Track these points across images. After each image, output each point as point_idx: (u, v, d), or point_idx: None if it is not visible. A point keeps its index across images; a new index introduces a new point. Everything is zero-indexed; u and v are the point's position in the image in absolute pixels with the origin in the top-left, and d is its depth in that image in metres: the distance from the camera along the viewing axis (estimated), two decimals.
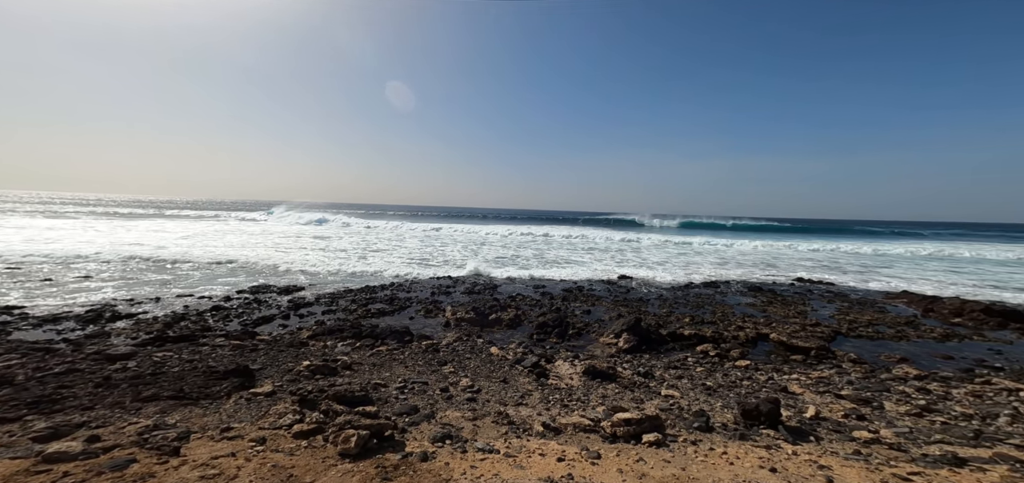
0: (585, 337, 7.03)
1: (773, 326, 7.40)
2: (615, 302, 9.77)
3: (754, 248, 24.94)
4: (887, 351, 6.70)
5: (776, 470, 2.93)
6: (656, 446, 3.31)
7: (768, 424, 3.78)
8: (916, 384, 5.10)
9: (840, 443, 3.43)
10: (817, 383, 5.10)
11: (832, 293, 11.57)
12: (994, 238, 41.53)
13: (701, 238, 29.47)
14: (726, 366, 5.69)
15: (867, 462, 2.99)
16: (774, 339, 6.67)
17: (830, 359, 6.04)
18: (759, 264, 18.00)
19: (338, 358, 5.50)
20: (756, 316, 8.55)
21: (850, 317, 8.60)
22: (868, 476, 2.72)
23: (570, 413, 4.07)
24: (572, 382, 5.01)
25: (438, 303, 9.25)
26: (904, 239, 35.99)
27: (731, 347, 6.27)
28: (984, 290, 12.46)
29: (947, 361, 6.30)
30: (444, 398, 4.40)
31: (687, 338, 6.65)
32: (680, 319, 8.17)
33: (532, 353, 5.97)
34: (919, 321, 8.46)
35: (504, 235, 28.99)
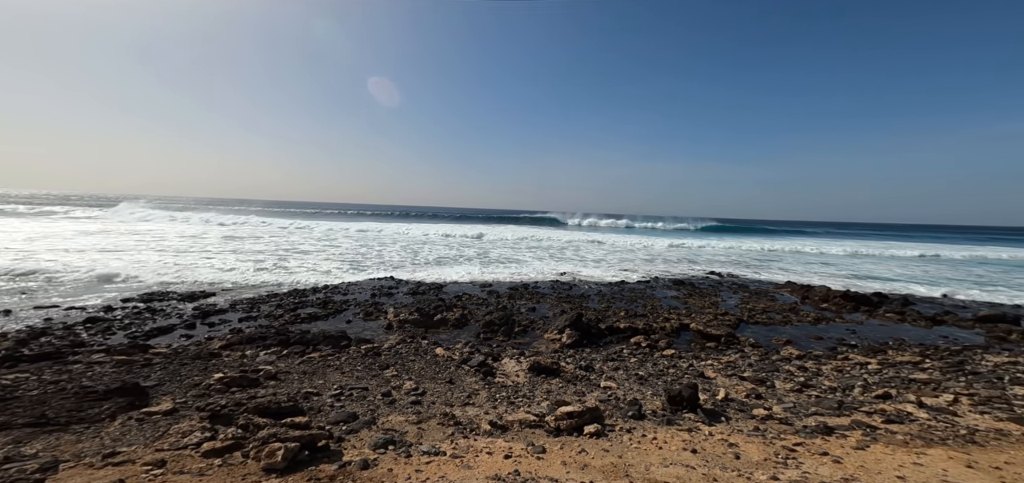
0: (531, 334, 7.23)
1: (692, 317, 8.30)
2: (559, 299, 10.17)
3: (681, 245, 27.68)
4: (776, 335, 7.91)
5: (696, 451, 3.30)
6: (596, 437, 3.53)
7: (689, 408, 4.24)
8: (797, 363, 6.09)
9: (744, 421, 3.98)
10: (726, 367, 5.84)
11: (737, 285, 13.31)
12: (875, 237, 50.54)
13: (637, 238, 31.95)
14: (655, 356, 6.26)
15: (764, 437, 3.51)
16: (693, 329, 7.48)
17: (736, 345, 6.96)
18: (683, 260, 20.03)
19: (260, 368, 4.99)
20: (679, 308, 9.53)
21: (750, 306, 9.98)
22: (764, 449, 3.20)
23: (516, 410, 4.15)
24: (518, 379, 5.12)
25: (379, 305, 8.83)
26: (803, 237, 42.60)
27: (659, 338, 6.91)
28: (846, 280, 15.28)
29: (818, 341, 7.62)
30: (386, 403, 4.24)
31: (623, 331, 7.17)
32: (617, 313, 8.79)
33: (479, 352, 5.99)
34: (799, 307, 10.10)
35: (447, 235, 28.38)
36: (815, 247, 29.48)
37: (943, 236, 55.74)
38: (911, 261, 22.70)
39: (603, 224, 52.34)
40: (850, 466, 2.71)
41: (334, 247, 19.31)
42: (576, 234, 34.07)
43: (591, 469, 3.02)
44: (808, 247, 29.40)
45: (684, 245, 28.35)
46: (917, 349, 6.93)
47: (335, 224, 34.61)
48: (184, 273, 11.18)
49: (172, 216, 34.33)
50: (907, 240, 42.42)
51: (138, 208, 40.94)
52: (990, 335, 8.04)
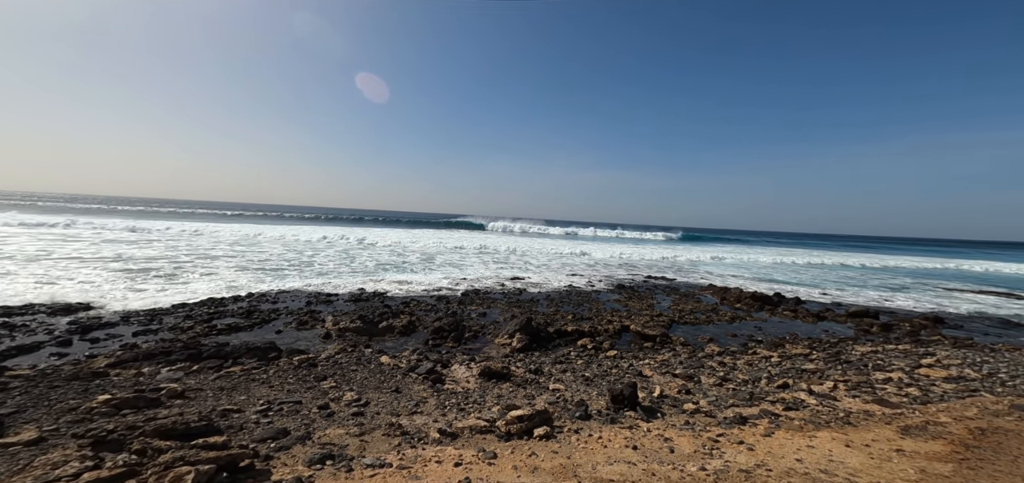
0: (481, 339, 7.20)
1: (632, 319, 8.88)
2: (509, 304, 10.27)
3: (622, 252, 29.45)
4: (701, 333, 8.77)
5: (637, 447, 3.52)
6: (546, 439, 3.61)
7: (630, 406, 4.52)
8: (718, 359, 6.80)
9: (676, 416, 4.34)
10: (661, 365, 6.34)
11: (670, 288, 14.52)
12: (779, 245, 57.68)
13: (586, 244, 33.36)
14: (600, 357, 6.58)
15: (693, 430, 3.87)
16: (633, 330, 8.00)
17: (669, 344, 7.58)
18: (624, 265, 21.35)
19: (162, 387, 4.39)
20: (621, 311, 10.14)
21: (680, 307, 10.94)
22: (694, 442, 3.53)
23: (467, 416, 4.12)
24: (469, 385, 5.08)
25: (316, 314, 8.22)
26: (737, 245, 47.57)
27: (603, 339, 7.28)
28: (753, 283, 17.42)
29: (734, 338, 8.59)
30: (324, 416, 3.97)
31: (570, 334, 7.44)
32: (565, 317, 9.10)
33: (427, 359, 5.83)
34: (719, 307, 11.30)
35: (394, 240, 27.16)
36: (739, 254, 33.24)
37: (829, 245, 65.87)
38: (801, 267, 26.56)
39: (553, 231, 53.95)
40: (760, 452, 3.10)
41: (258, 251, 17.55)
42: (521, 240, 34.70)
43: (541, 472, 3.08)
44: (730, 255, 33.05)
45: (627, 251, 30.29)
46: (806, 342, 8.10)
47: (262, 228, 31.40)
48: (57, 285, 9.28)
49: (61, 221, 28.61)
50: (820, 248, 49.58)
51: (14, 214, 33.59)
52: (858, 328, 9.67)
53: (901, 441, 3.03)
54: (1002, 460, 2.65)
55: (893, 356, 6.78)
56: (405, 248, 23.14)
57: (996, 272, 27.08)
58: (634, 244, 39.51)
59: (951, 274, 24.98)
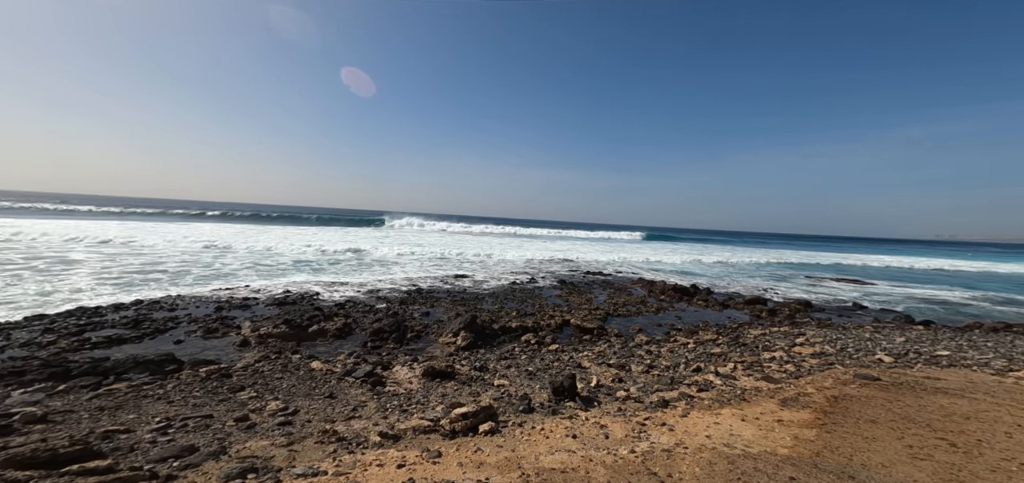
0: (425, 339, 7.05)
1: (572, 313, 9.37)
2: (454, 302, 10.17)
3: (567, 248, 30.71)
4: (632, 325, 9.57)
5: (576, 436, 3.76)
6: (491, 434, 3.69)
7: (570, 397, 4.80)
8: (646, 348, 7.50)
9: (610, 403, 4.71)
10: (598, 357, 6.80)
11: (605, 282, 15.57)
12: (709, 242, 64.00)
13: (528, 241, 34.07)
14: (543, 351, 6.85)
15: (625, 416, 4.24)
16: (573, 324, 8.46)
17: (605, 336, 8.15)
18: (566, 261, 22.33)
19: (14, 412, 3.69)
20: (562, 306, 10.63)
21: (614, 300, 11.81)
22: (625, 427, 3.87)
23: (409, 417, 4.06)
24: (412, 386, 4.99)
25: (229, 320, 7.42)
26: (673, 242, 51.88)
27: (546, 334, 7.58)
28: (674, 277, 19.43)
29: (659, 327, 9.52)
30: (242, 428, 3.64)
31: (515, 330, 7.62)
32: (509, 313, 9.28)
33: (366, 362, 5.59)
34: (647, 300, 12.43)
35: (326, 240, 25.08)
36: (672, 250, 36.57)
37: (749, 241, 75.20)
38: (716, 263, 30.28)
39: (496, 230, 54.29)
40: (679, 432, 3.51)
41: (153, 253, 15.12)
42: (467, 238, 34.52)
43: (487, 466, 3.15)
44: (666, 251, 36.30)
45: (568, 247, 31.70)
46: (714, 329, 9.27)
47: (146, 226, 26.93)
48: None
49: None
50: (743, 245, 56.26)
51: None
52: (752, 314, 11.33)
53: (781, 412, 3.66)
54: (848, 422, 3.37)
55: (776, 337, 8.07)
56: (340, 246, 21.55)
57: (859, 264, 33.48)
58: (580, 242, 41.55)
59: (826, 266, 30.34)
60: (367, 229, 35.52)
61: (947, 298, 15.78)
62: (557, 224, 70.87)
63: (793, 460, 2.73)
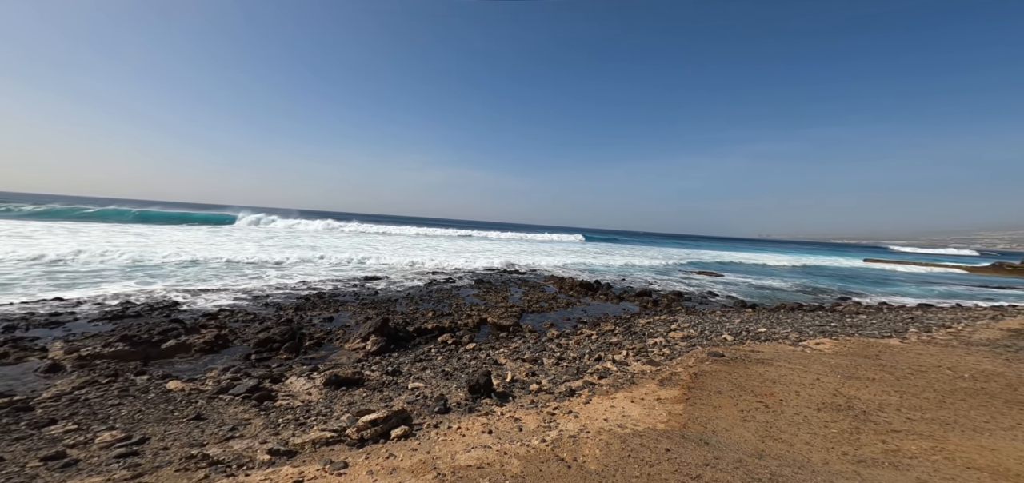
0: (327, 347, 6.48)
1: (489, 311, 9.59)
2: (363, 305, 9.49)
3: (484, 247, 30.97)
4: (545, 320, 10.26)
5: (492, 432, 3.91)
6: (404, 438, 3.62)
7: (486, 394, 4.94)
8: (557, 341, 8.14)
9: (524, 397, 5.01)
10: (513, 353, 7.12)
11: (520, 280, 16.29)
12: (607, 241, 70.83)
13: (445, 242, 33.33)
14: (460, 351, 6.88)
15: (537, 408, 4.55)
16: (490, 322, 8.67)
17: (520, 332, 8.56)
18: (483, 258, 22.60)
19: None
20: (479, 304, 10.78)
21: (529, 297, 12.47)
22: (537, 418, 4.17)
23: (308, 430, 3.76)
24: (310, 397, 4.58)
25: (25, 342, 5.74)
26: (594, 243, 55.57)
27: (463, 334, 7.62)
28: (584, 274, 21.35)
29: (568, 321, 10.41)
30: (56, 468, 3.00)
31: (431, 331, 7.47)
32: (425, 314, 9.04)
33: (249, 376, 4.92)
34: (557, 295, 13.44)
35: (185, 241, 20.81)
36: (585, 250, 39.65)
37: (651, 241, 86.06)
38: (620, 262, 34.19)
39: (409, 231, 51.88)
40: (582, 418, 3.94)
41: None
42: (380, 239, 32.41)
43: (400, 471, 3.08)
44: (588, 250, 39.20)
45: (486, 245, 32.10)
46: (613, 320, 10.54)
47: None
48: None
49: None
50: (642, 244, 63.50)
51: None
52: (642, 305, 13.18)
53: (659, 392, 4.42)
54: (704, 394, 4.25)
55: (658, 325, 9.58)
56: (212, 242, 18.03)
57: (715, 259, 41.40)
58: (504, 243, 42.33)
59: (696, 262, 36.79)
60: (222, 227, 30.31)
61: (767, 285, 20.78)
62: (488, 225, 71.25)
63: (668, 433, 3.33)
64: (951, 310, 13.85)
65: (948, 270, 38.13)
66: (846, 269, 35.63)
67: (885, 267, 40.32)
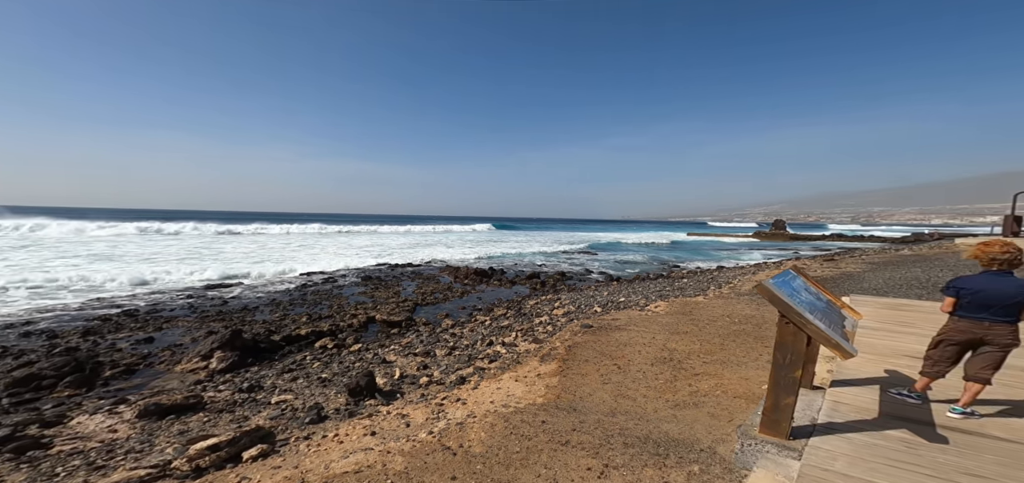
0: (145, 373, 5.18)
1: (378, 308, 8.99)
2: (202, 319, 7.76)
3: (374, 242, 28.44)
4: (440, 311, 10.17)
5: (376, 432, 3.72)
6: (263, 457, 3.20)
7: (369, 395, 4.67)
8: (451, 331, 8.17)
9: (414, 391, 4.91)
10: (405, 348, 6.86)
11: (415, 273, 15.69)
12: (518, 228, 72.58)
13: (319, 237, 29.31)
14: (343, 354, 6.27)
15: (426, 400, 4.52)
16: (379, 319, 8.13)
17: (413, 326, 8.28)
18: (372, 253, 20.85)
19: None
20: (367, 302, 9.98)
21: (423, 289, 12.13)
22: (425, 411, 4.15)
23: (110, 473, 3.12)
24: (116, 434, 3.71)
25: None
26: (502, 231, 54.92)
27: (347, 335, 6.97)
28: (469, 256, 21.82)
29: (463, 310, 10.54)
30: None
31: (305, 337, 6.60)
32: (297, 320, 7.92)
33: None
34: (453, 285, 13.46)
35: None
36: (482, 237, 39.79)
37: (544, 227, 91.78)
38: (514, 247, 35.91)
39: (274, 229, 44.18)
40: (470, 404, 4.09)
41: None
42: (245, 239, 26.77)
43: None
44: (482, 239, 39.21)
45: (373, 239, 29.63)
46: (506, 304, 11.13)
47: None
48: None
49: None
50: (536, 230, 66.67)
51: None
52: (531, 287, 14.27)
53: (540, 367, 4.91)
54: (575, 364, 4.90)
55: (544, 305, 10.55)
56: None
57: (593, 239, 47.37)
58: (396, 236, 39.40)
59: (577, 242, 41.37)
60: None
61: (628, 259, 25.02)
62: (381, 219, 65.29)
63: (545, 406, 3.73)
64: (733, 269, 19.01)
65: (738, 239, 52.29)
66: (677, 242, 45.23)
67: (701, 239, 52.78)
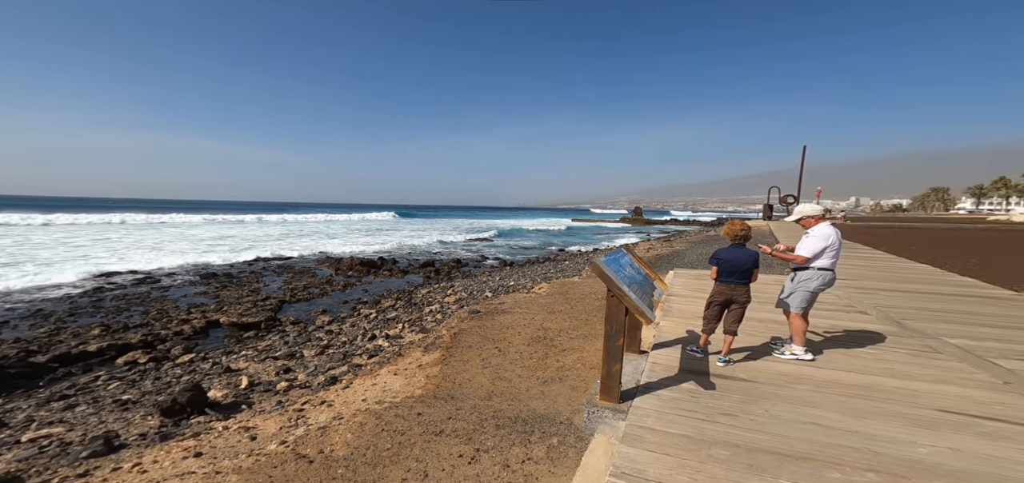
0: None
1: (225, 310, 7.34)
2: None
3: (219, 234, 23.00)
4: (315, 307, 8.91)
5: (202, 453, 2.99)
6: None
7: (196, 411, 3.76)
8: (327, 329, 7.22)
9: (268, 399, 4.14)
10: (263, 352, 5.75)
11: (282, 266, 13.38)
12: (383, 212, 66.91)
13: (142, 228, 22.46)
14: (164, 368, 4.89)
15: (283, 407, 3.86)
16: (226, 322, 6.64)
17: (277, 326, 7.03)
18: (227, 246, 16.93)
19: None
20: (207, 304, 8.03)
21: (293, 285, 10.44)
22: (280, 419, 3.53)
23: None
24: None
25: None
26: (406, 218, 49.06)
27: (174, 345, 5.47)
28: (363, 248, 19.95)
29: (345, 304, 9.46)
30: None
31: (94, 354, 4.93)
32: (83, 332, 5.85)
33: None
34: (333, 278, 11.99)
35: None
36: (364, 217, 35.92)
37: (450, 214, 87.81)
38: (410, 235, 33.92)
39: (59, 218, 32.26)
40: (338, 405, 3.66)
41: None
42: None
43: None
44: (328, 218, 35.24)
45: (247, 234, 24.14)
46: (396, 295, 10.46)
47: None
48: None
49: None
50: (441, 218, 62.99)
51: None
52: (425, 276, 13.75)
53: (423, 357, 4.72)
54: (458, 351, 4.87)
55: (437, 292, 10.27)
56: None
57: (493, 225, 48.46)
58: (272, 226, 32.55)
59: (478, 229, 41.64)
60: None
61: (523, 244, 26.52)
62: (247, 207, 52.99)
63: (423, 397, 3.55)
64: (606, 251, 22.18)
65: (613, 224, 60.81)
66: (565, 228, 49.99)
67: (583, 224, 59.69)
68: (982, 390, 2.78)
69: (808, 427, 2.30)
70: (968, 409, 2.51)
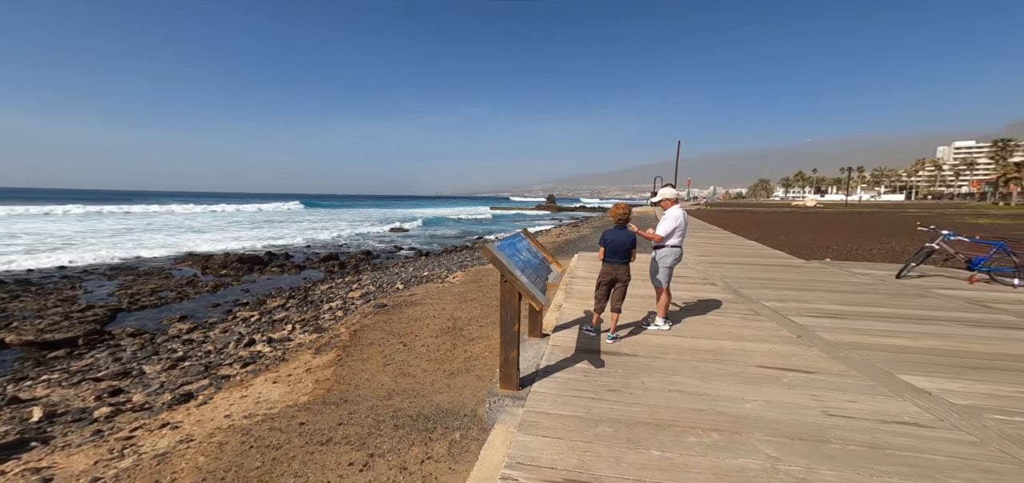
0: None
1: (17, 326, 5.42)
2: None
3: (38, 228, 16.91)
4: (169, 314, 7.19)
5: None
6: None
7: None
8: (186, 337, 5.89)
9: (78, 432, 3.18)
10: (77, 374, 4.39)
11: (113, 270, 10.48)
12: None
13: None
14: None
15: (103, 436, 2.99)
16: (20, 342, 4.91)
17: (104, 341, 5.45)
18: (20, 246, 12.46)
19: None
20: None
21: (133, 290, 8.27)
22: (96, 452, 2.72)
23: None
24: None
25: None
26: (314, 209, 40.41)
27: None
28: (254, 243, 16.99)
29: (215, 308, 7.86)
30: None
31: None
32: None
33: None
34: (199, 278, 9.88)
35: None
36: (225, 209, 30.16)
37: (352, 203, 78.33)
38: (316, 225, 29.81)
39: None
40: (188, 426, 2.99)
41: None
42: None
43: None
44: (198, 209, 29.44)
45: (40, 229, 17.87)
46: (286, 293, 9.12)
47: None
48: None
49: None
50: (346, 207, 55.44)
51: None
52: (327, 270, 12.31)
53: (313, 361, 4.18)
54: (358, 349, 4.43)
55: (340, 288, 9.27)
56: None
57: (409, 215, 45.78)
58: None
59: (391, 219, 38.90)
60: None
61: (441, 233, 25.88)
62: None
63: (308, 404, 3.11)
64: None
65: (532, 211, 63.29)
66: (484, 216, 50.39)
67: (505, 212, 61.06)
68: (784, 344, 3.46)
69: (672, 395, 2.55)
70: (776, 363, 3.04)
